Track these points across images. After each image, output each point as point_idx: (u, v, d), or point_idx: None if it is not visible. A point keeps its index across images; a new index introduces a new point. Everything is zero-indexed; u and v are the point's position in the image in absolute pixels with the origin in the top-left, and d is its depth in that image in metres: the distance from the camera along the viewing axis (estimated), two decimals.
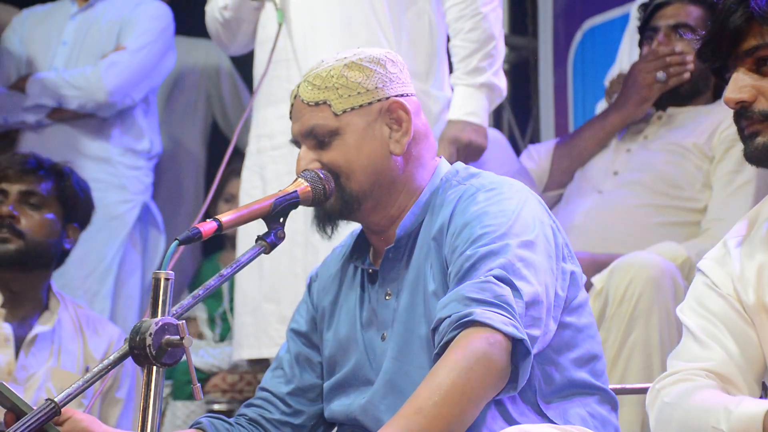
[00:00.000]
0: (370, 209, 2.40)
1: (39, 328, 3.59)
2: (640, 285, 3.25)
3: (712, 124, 3.69)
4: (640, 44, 3.91)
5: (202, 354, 4.93)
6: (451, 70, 3.74)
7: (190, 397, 4.86)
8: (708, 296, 2.08)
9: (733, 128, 3.58)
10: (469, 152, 3.57)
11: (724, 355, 2.02)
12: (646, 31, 3.85)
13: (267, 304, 3.66)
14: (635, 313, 3.25)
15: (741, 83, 2.04)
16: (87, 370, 3.52)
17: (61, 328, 3.61)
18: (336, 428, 2.54)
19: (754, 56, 2.03)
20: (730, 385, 2.00)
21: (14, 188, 3.60)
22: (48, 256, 3.62)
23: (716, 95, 3.83)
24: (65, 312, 3.65)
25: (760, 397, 2.05)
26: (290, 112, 2.45)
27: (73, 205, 3.68)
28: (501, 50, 3.72)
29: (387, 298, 2.41)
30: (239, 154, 3.91)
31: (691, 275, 3.24)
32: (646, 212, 3.62)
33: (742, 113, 2.06)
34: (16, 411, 2.18)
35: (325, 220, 2.42)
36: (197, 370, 4.88)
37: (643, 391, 3.04)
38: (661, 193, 3.63)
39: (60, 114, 4.66)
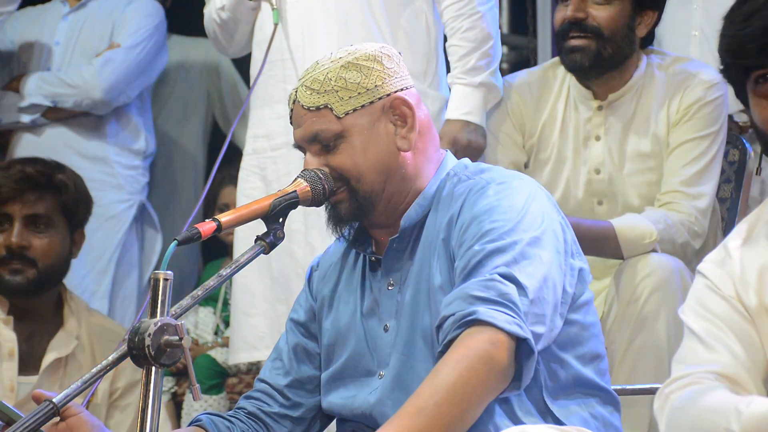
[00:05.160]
0: (383, 208, 2.39)
1: (56, 353, 3.54)
2: (649, 286, 3.22)
3: (660, 114, 3.49)
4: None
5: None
6: (448, 70, 3.73)
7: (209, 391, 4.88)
8: (710, 298, 2.05)
9: (680, 104, 3.42)
10: (468, 152, 3.55)
11: (730, 358, 1.99)
12: None
13: (279, 305, 3.65)
14: (642, 314, 3.22)
15: None
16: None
17: (74, 357, 3.57)
18: (335, 420, 2.53)
19: None
20: (739, 387, 1.98)
21: (18, 212, 3.52)
22: (61, 275, 3.58)
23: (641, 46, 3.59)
24: (79, 335, 3.59)
25: None
26: (290, 118, 2.43)
27: (76, 212, 3.61)
28: (498, 50, 3.69)
29: (390, 288, 2.40)
30: (239, 156, 3.90)
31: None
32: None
33: None
34: (11, 425, 2.18)
35: (340, 223, 2.40)
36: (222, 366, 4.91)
37: (649, 391, 3.04)
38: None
39: (56, 113, 4.65)
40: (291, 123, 2.43)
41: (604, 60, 3.48)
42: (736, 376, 1.98)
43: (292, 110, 2.42)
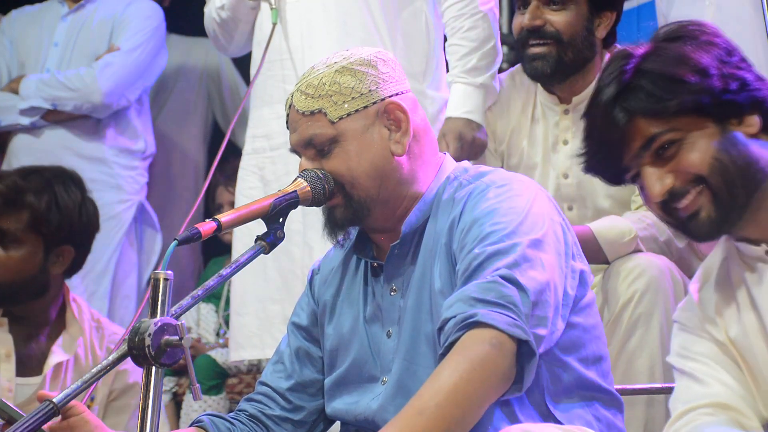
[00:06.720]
0: (379, 213, 2.38)
1: (58, 356, 3.51)
2: (640, 288, 3.20)
3: None
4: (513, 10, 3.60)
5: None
6: (447, 69, 3.72)
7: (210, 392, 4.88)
8: (689, 340, 2.12)
9: None
10: (473, 149, 3.55)
11: (724, 388, 2.05)
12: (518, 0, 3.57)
13: (272, 305, 3.65)
14: (634, 316, 3.21)
15: (656, 176, 2.04)
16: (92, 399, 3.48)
17: (76, 361, 3.55)
18: (337, 424, 2.53)
19: (651, 149, 2.04)
20: (737, 414, 2.04)
21: None
22: (28, 291, 3.49)
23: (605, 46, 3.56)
24: (82, 339, 3.57)
25: None
26: (287, 122, 2.43)
27: (50, 231, 3.50)
28: (499, 51, 3.70)
29: (392, 293, 2.40)
30: (238, 155, 3.90)
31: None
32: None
33: (672, 200, 2.05)
34: (12, 423, 2.18)
35: (336, 228, 2.40)
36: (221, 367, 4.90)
37: (645, 391, 3.04)
38: (626, 208, 3.54)
39: (55, 116, 4.65)
40: (287, 128, 2.43)
41: (566, 65, 3.47)
42: (733, 404, 2.04)
43: (288, 115, 2.42)
